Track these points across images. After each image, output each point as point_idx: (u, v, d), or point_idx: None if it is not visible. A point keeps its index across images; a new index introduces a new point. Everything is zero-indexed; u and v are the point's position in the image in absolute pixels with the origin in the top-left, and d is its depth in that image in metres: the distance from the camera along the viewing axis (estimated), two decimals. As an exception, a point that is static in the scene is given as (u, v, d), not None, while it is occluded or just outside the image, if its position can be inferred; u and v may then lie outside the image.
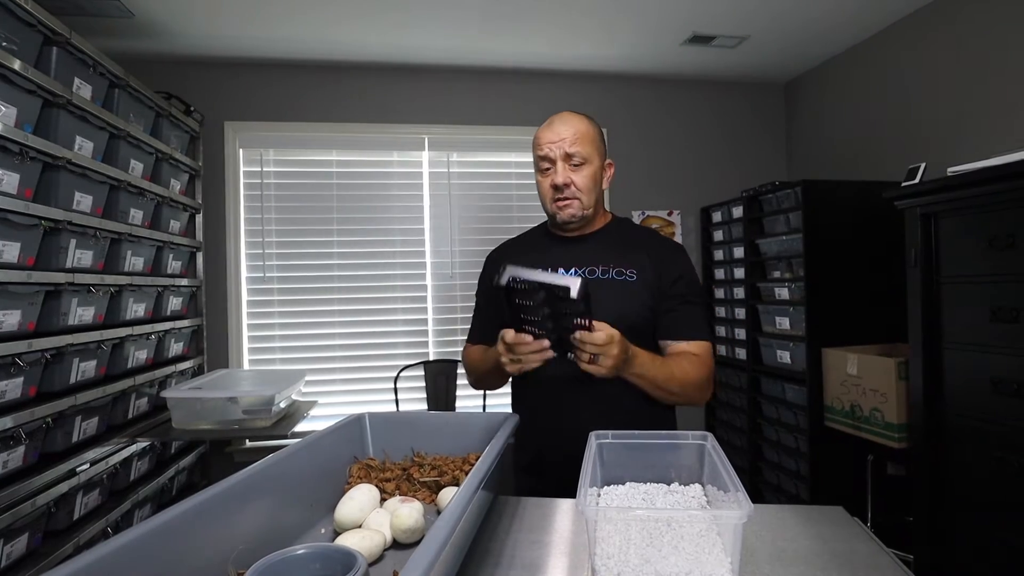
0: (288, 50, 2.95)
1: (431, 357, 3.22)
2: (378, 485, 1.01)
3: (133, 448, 2.23)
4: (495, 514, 1.03)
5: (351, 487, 0.99)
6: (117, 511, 2.05)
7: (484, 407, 3.11)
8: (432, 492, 1.03)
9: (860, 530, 0.94)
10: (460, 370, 3.12)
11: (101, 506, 2.04)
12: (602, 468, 0.95)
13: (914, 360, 1.92)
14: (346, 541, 0.79)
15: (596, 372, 1.05)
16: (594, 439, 0.94)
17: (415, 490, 1.04)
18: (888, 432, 2.15)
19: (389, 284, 3.24)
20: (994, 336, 1.66)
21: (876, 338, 2.48)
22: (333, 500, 0.95)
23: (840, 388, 2.37)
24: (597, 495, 0.90)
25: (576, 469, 0.83)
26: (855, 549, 0.88)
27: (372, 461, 1.11)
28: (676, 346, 1.26)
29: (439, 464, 1.08)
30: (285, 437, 2.26)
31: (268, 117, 3.13)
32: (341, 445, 1.08)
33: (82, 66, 1.92)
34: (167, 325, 2.56)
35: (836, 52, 3.11)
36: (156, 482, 2.37)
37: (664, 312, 1.27)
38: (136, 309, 2.32)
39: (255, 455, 2.85)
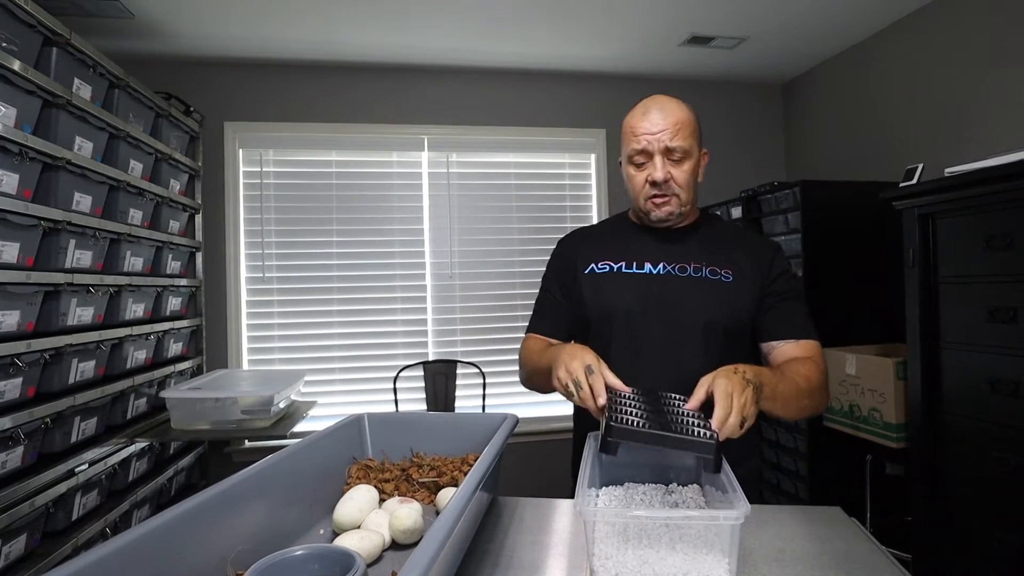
0: (288, 50, 2.96)
1: (430, 357, 3.22)
2: (377, 486, 1.01)
3: (132, 448, 2.23)
4: (494, 514, 1.03)
5: (350, 488, 0.99)
6: (116, 512, 2.05)
7: (483, 408, 3.11)
8: (431, 493, 1.03)
9: (858, 530, 0.95)
10: (460, 370, 3.12)
11: (100, 506, 2.04)
12: (600, 469, 0.96)
13: (912, 360, 1.92)
14: (345, 542, 0.79)
15: (748, 425, 0.87)
16: (592, 440, 0.95)
17: (414, 491, 1.04)
18: (886, 432, 2.15)
19: (389, 284, 3.23)
20: (992, 336, 1.66)
21: (874, 338, 2.48)
22: (332, 501, 0.95)
23: (838, 388, 2.37)
24: (596, 496, 0.91)
25: None
26: (853, 549, 0.88)
27: (371, 462, 1.11)
28: (783, 348, 1.13)
29: (438, 464, 1.08)
30: (284, 437, 2.26)
31: (268, 117, 3.13)
32: (340, 445, 1.08)
33: (82, 66, 1.92)
34: (166, 325, 2.56)
35: (834, 53, 3.11)
36: (155, 482, 2.37)
37: (765, 311, 1.16)
38: (135, 309, 2.32)
39: (254, 455, 2.84)
